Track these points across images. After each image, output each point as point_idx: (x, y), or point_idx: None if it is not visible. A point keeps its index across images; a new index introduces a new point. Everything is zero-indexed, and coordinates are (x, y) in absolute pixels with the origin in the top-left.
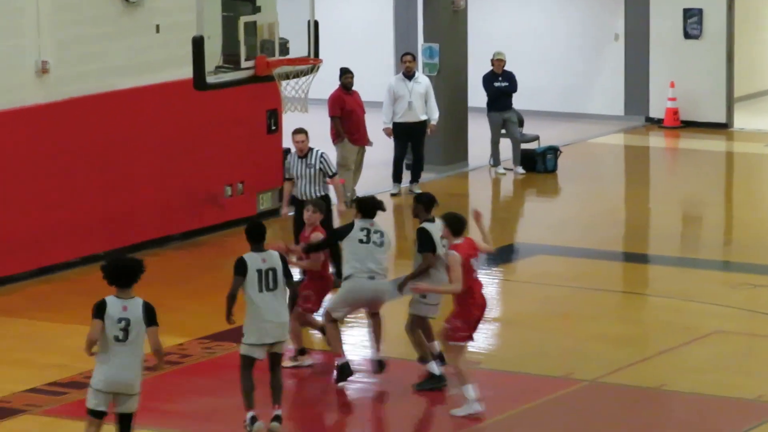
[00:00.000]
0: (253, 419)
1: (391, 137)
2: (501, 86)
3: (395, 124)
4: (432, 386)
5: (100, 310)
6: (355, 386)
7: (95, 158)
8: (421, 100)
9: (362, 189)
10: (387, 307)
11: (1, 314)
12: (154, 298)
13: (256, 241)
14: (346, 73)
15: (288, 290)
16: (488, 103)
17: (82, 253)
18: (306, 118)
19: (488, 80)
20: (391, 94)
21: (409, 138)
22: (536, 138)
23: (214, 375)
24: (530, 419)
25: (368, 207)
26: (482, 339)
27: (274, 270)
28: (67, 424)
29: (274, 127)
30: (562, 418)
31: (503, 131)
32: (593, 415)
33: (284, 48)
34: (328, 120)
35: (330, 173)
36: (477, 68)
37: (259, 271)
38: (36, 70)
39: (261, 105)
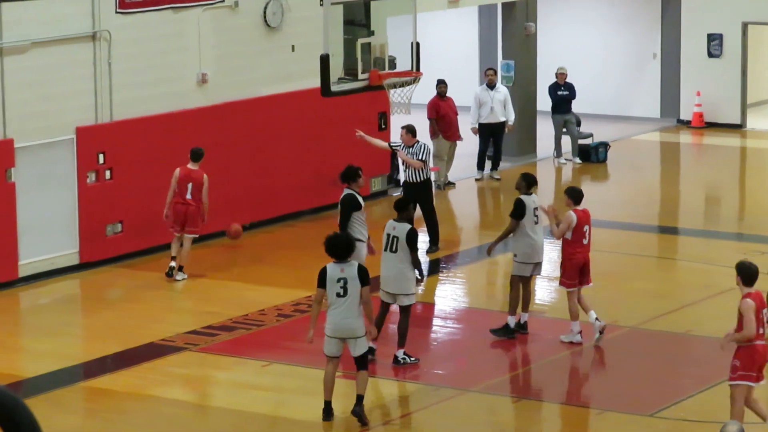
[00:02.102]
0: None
1: (477, 135)
2: (563, 94)
3: (480, 125)
4: (504, 335)
5: (321, 278)
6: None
7: (245, 150)
8: (500, 106)
9: (453, 175)
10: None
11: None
12: (289, 260)
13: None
14: (440, 83)
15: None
16: (552, 108)
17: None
18: (408, 119)
19: (553, 89)
20: (477, 101)
21: (490, 135)
22: (590, 135)
23: None
24: (584, 358)
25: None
26: (546, 294)
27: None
28: (218, 359)
29: (383, 126)
30: (610, 357)
31: (564, 130)
32: (634, 353)
33: (392, 63)
34: (427, 120)
35: (419, 158)
36: (544, 79)
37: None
38: (197, 81)
39: (373, 108)
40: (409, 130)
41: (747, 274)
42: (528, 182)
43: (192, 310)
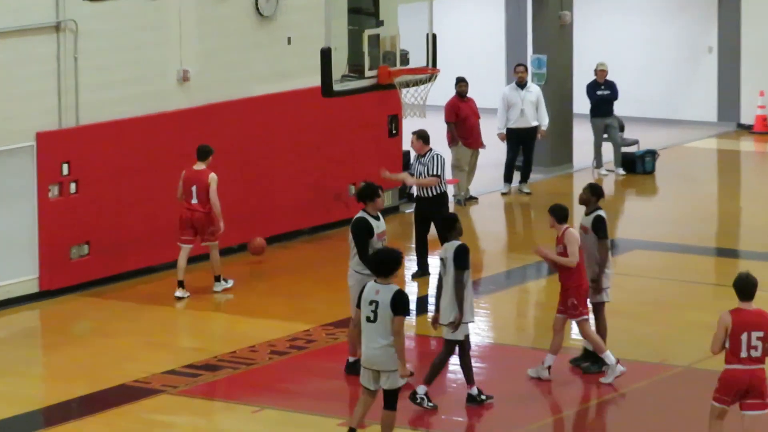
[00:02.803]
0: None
1: (504, 141)
2: (603, 94)
3: (508, 130)
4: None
5: (359, 297)
6: None
7: (233, 159)
8: (532, 108)
9: (475, 189)
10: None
11: (145, 301)
12: (284, 287)
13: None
14: (460, 82)
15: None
16: (591, 110)
17: (221, 244)
18: (423, 124)
19: (592, 88)
20: (504, 103)
21: (520, 142)
22: (636, 142)
23: (336, 359)
24: (629, 403)
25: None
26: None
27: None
28: (201, 404)
29: (395, 131)
30: (658, 402)
31: (605, 135)
32: (687, 399)
33: (405, 59)
34: (445, 125)
35: (433, 173)
36: (581, 77)
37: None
38: (178, 79)
39: (383, 111)
40: (420, 136)
41: (739, 287)
42: (598, 195)
43: (171, 345)
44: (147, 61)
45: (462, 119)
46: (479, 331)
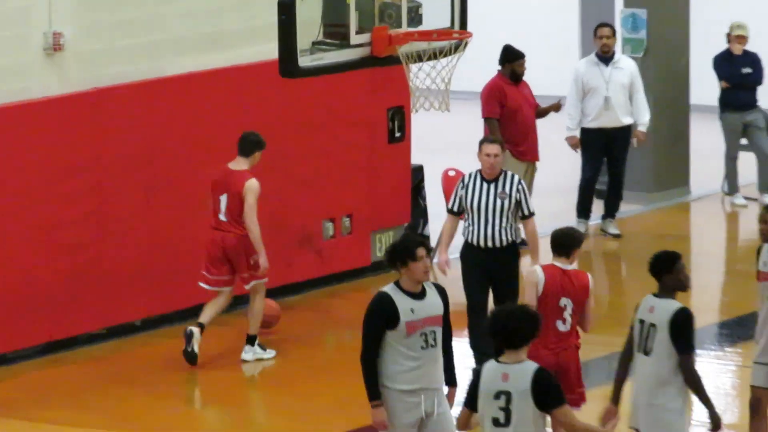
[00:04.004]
0: None
1: (578, 150)
2: (742, 74)
3: (585, 131)
4: None
5: (472, 390)
6: None
7: (134, 178)
8: (623, 95)
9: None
10: None
11: None
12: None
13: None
14: (515, 57)
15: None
16: (721, 100)
17: (111, 322)
18: (447, 121)
19: (722, 65)
20: (579, 86)
21: (604, 151)
22: None
23: None
24: None
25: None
26: None
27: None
28: None
29: (398, 134)
30: None
31: (743, 141)
32: None
33: (415, 15)
34: (481, 122)
35: (527, 211)
36: (703, 47)
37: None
38: (45, 48)
39: (380, 100)
40: (498, 143)
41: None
42: None
43: None
44: None
45: (511, 113)
46: None
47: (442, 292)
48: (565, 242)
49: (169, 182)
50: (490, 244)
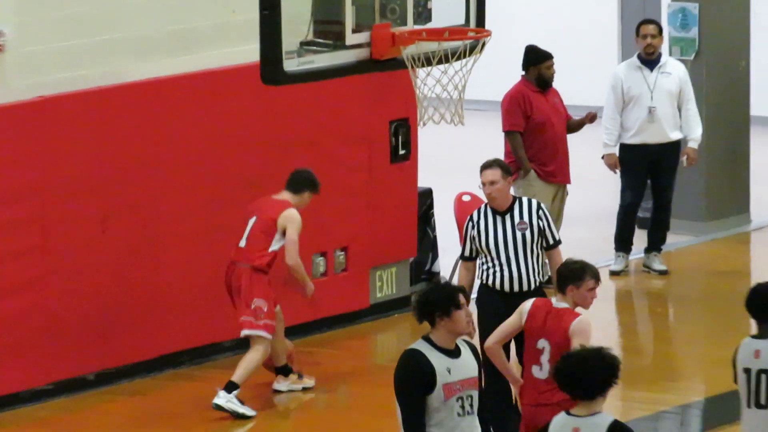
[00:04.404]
0: None
1: (617, 170)
2: None
3: (625, 148)
4: None
5: None
6: None
7: (89, 205)
8: (670, 104)
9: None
10: None
11: None
12: None
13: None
14: (542, 59)
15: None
16: None
17: (57, 376)
18: (461, 136)
19: None
20: (618, 94)
21: (648, 172)
22: None
23: None
24: None
25: None
26: None
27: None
28: None
29: (403, 151)
30: None
31: None
32: None
33: (423, 10)
34: (501, 137)
35: (551, 239)
36: (766, 48)
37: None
38: None
39: (381, 112)
40: (506, 171)
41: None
42: None
43: None
44: None
45: (537, 126)
46: None
47: (474, 350)
48: (560, 275)
49: (128, 209)
50: (516, 288)
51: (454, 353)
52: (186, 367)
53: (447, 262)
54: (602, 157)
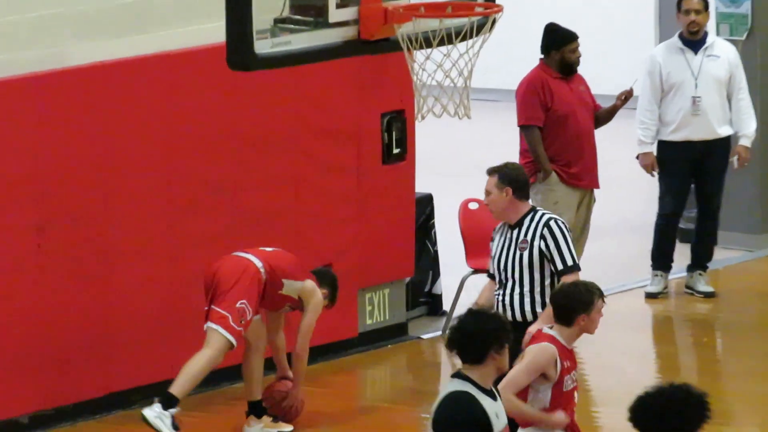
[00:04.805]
0: None
1: (655, 172)
2: None
3: (665, 146)
4: None
5: None
6: None
7: (15, 217)
8: (718, 94)
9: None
10: None
11: None
12: None
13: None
14: (566, 40)
15: None
16: None
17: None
18: (466, 131)
19: None
20: (656, 82)
21: (692, 175)
22: None
23: None
24: None
25: None
26: None
27: None
28: None
29: (397, 150)
30: None
31: None
32: None
33: None
34: (516, 133)
35: (560, 264)
36: None
37: None
38: None
39: (371, 103)
40: (495, 174)
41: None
42: None
43: None
44: None
45: (559, 119)
46: None
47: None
48: (563, 306)
49: (70, 218)
50: (509, 316)
51: (494, 395)
52: (138, 407)
53: (450, 282)
54: (637, 157)
